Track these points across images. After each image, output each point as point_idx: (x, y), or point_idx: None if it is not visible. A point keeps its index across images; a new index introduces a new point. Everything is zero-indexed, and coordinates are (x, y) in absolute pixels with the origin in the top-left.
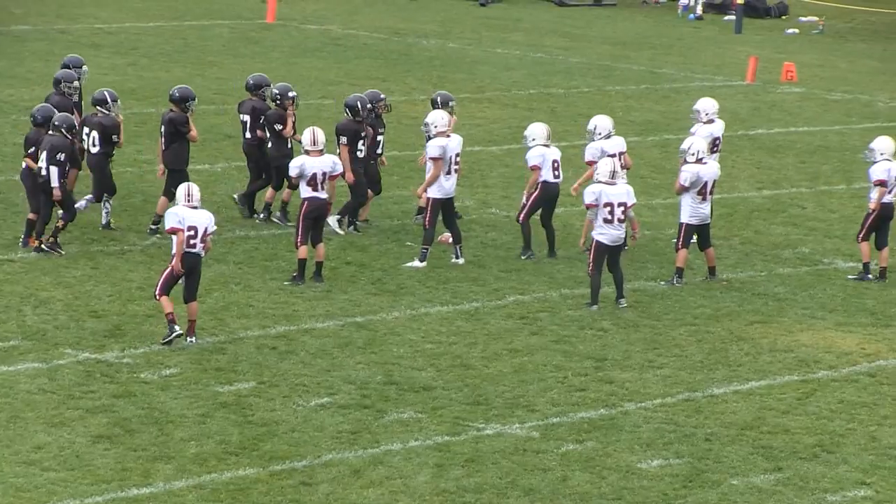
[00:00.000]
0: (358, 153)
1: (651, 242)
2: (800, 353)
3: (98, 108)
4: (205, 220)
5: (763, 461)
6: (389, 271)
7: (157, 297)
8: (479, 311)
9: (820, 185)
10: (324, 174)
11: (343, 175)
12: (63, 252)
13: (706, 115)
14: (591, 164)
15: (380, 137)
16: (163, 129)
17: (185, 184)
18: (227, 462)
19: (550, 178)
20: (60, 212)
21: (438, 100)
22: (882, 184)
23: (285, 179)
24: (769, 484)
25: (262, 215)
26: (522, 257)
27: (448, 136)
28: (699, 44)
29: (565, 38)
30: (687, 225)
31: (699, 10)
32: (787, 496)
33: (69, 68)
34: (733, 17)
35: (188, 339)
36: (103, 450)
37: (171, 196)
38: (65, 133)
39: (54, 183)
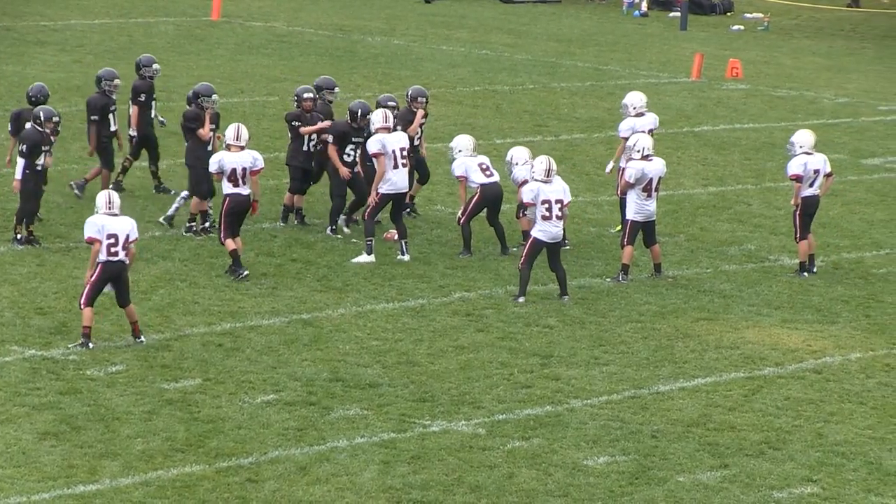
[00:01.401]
0: (346, 156)
1: (597, 239)
2: (746, 350)
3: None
4: (126, 227)
5: (709, 458)
6: (335, 268)
7: (81, 307)
8: (425, 307)
9: (765, 182)
10: (244, 169)
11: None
12: (40, 243)
13: (634, 108)
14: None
15: None
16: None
17: (105, 191)
18: (173, 459)
19: (485, 180)
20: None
21: (409, 94)
22: (797, 179)
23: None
24: (715, 481)
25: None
26: (459, 256)
27: (389, 131)
28: (644, 41)
29: (510, 35)
30: (632, 222)
31: (644, 6)
32: (733, 493)
33: (139, 68)
34: (678, 14)
35: (137, 339)
36: (49, 447)
37: (202, 196)
38: (36, 125)
39: (17, 175)
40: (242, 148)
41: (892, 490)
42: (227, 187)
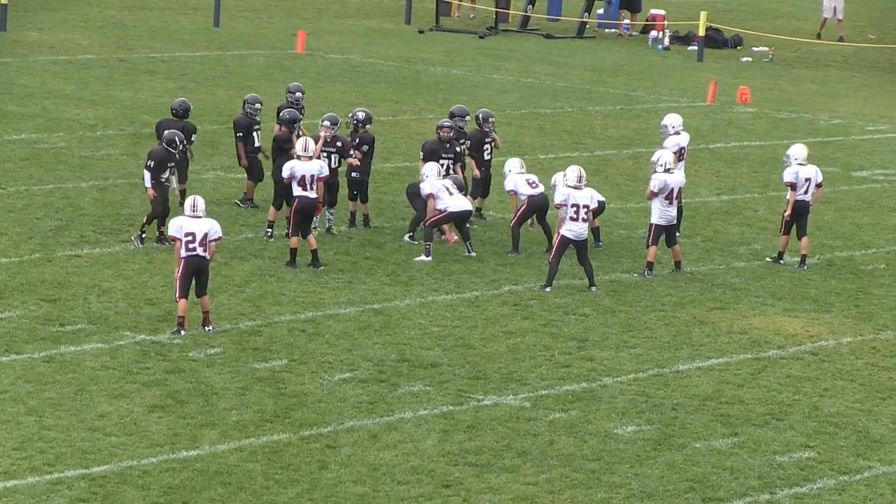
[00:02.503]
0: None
1: (626, 240)
2: (753, 335)
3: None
4: (205, 227)
5: (722, 427)
6: (402, 265)
7: (177, 299)
8: (479, 299)
9: (770, 192)
10: (312, 176)
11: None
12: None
13: (672, 128)
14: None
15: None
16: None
17: (192, 196)
18: (263, 428)
19: (531, 192)
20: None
21: (479, 116)
22: (791, 186)
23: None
24: (727, 447)
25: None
26: (508, 255)
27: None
28: (667, 70)
29: (552, 65)
30: (656, 225)
31: (666, 41)
32: (742, 457)
33: (291, 93)
34: (696, 48)
35: (205, 328)
36: (157, 418)
37: (278, 206)
38: (165, 146)
39: (147, 184)
40: (311, 158)
41: (878, 454)
42: (296, 191)
